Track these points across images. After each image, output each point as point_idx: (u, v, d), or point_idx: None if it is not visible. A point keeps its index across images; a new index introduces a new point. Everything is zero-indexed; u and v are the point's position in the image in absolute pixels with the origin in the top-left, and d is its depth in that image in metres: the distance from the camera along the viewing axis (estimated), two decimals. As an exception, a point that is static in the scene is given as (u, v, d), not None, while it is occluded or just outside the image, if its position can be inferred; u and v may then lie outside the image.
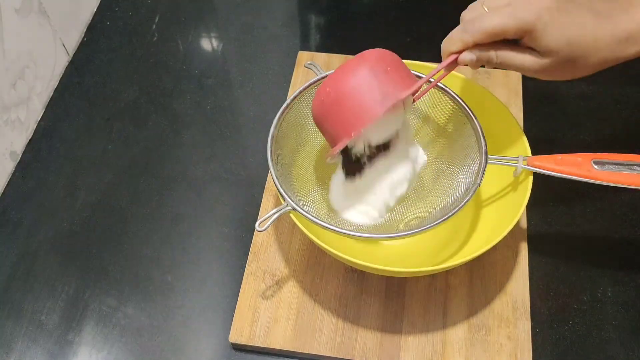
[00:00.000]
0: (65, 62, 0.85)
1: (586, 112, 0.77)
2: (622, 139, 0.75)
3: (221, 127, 0.78)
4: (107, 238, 0.70)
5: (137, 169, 0.75)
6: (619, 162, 0.58)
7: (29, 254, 0.69)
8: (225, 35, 0.88)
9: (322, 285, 0.64)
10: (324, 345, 0.60)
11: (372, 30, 0.87)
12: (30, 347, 0.63)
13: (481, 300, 0.62)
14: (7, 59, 0.72)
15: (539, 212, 0.69)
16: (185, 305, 0.65)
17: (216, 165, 0.75)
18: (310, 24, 0.90)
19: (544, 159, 0.58)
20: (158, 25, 0.89)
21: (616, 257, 0.66)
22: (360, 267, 0.58)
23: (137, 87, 0.83)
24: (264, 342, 0.61)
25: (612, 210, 0.69)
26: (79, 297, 0.66)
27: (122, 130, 0.78)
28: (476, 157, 0.59)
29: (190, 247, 0.69)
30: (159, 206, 0.72)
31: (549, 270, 0.65)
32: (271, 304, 0.63)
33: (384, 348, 0.60)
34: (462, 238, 0.64)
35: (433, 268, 0.55)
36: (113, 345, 0.62)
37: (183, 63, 0.85)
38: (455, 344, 0.60)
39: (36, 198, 0.73)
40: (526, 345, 0.60)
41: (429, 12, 0.89)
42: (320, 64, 0.81)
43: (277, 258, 0.66)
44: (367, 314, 0.62)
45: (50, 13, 0.79)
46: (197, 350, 0.62)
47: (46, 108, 0.81)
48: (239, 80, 0.83)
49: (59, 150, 0.77)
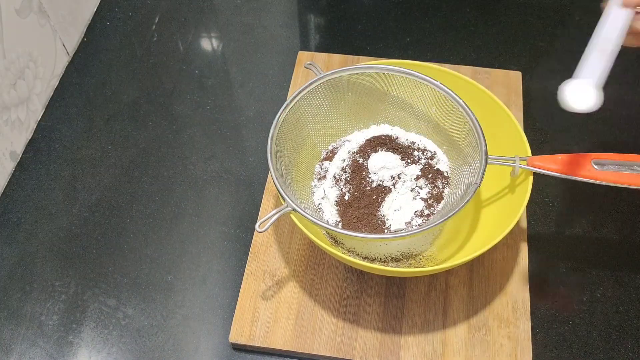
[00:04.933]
0: (65, 62, 0.85)
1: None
2: (622, 139, 0.75)
3: (221, 127, 0.78)
4: (106, 238, 0.70)
5: (137, 169, 0.75)
6: (619, 162, 0.58)
7: (28, 254, 0.69)
8: (225, 35, 0.88)
9: (322, 285, 0.64)
10: (324, 346, 0.60)
11: (372, 30, 0.87)
12: (30, 348, 0.62)
13: (481, 300, 0.62)
14: (7, 59, 0.72)
15: (539, 212, 0.69)
16: (185, 305, 0.65)
17: (216, 165, 0.75)
18: (310, 24, 0.90)
19: (544, 159, 0.58)
20: (158, 25, 0.89)
21: (616, 257, 0.66)
22: (360, 267, 0.58)
23: (137, 87, 0.83)
24: (264, 342, 0.61)
25: (612, 210, 0.69)
26: (79, 298, 0.66)
27: (122, 130, 0.78)
28: (476, 157, 0.59)
29: (190, 247, 0.69)
30: (159, 206, 0.72)
31: (549, 270, 0.65)
32: (271, 304, 0.63)
33: (384, 348, 0.60)
34: (462, 238, 0.64)
35: (433, 268, 0.55)
36: (113, 346, 0.62)
37: (183, 63, 0.85)
38: (455, 344, 0.60)
39: (36, 198, 0.73)
40: (526, 345, 0.60)
41: (429, 12, 0.89)
42: (320, 64, 0.81)
43: (277, 258, 0.66)
44: (367, 314, 0.62)
45: (50, 13, 0.79)
46: (197, 350, 0.62)
47: (46, 108, 0.81)
48: (239, 80, 0.83)
49: (58, 150, 0.77)
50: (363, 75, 0.65)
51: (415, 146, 0.66)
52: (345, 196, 0.63)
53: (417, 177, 0.63)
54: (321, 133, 0.68)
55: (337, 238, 0.65)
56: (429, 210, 0.62)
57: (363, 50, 0.85)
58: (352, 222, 0.62)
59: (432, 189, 0.63)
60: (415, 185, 0.63)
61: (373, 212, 0.61)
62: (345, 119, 0.69)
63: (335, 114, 0.68)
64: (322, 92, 0.65)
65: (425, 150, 0.65)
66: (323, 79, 0.64)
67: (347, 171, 0.64)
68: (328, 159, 0.68)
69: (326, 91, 0.65)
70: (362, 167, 0.63)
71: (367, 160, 0.64)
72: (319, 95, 0.65)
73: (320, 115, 0.67)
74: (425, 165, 0.64)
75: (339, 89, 0.66)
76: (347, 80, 0.65)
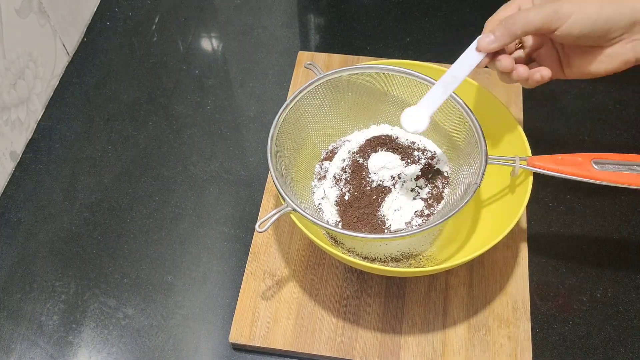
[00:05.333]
0: (65, 62, 0.85)
1: (586, 112, 0.77)
2: (622, 139, 0.75)
3: (221, 127, 0.78)
4: (106, 238, 0.70)
5: (137, 169, 0.75)
6: (619, 162, 0.58)
7: (28, 254, 0.69)
8: (225, 35, 0.88)
9: (322, 285, 0.64)
10: (324, 346, 0.60)
11: (372, 30, 0.87)
12: (30, 348, 0.62)
13: (481, 300, 0.62)
14: (7, 59, 0.72)
15: (539, 212, 0.69)
16: (185, 305, 0.65)
17: (216, 165, 0.75)
18: (310, 24, 0.90)
19: (544, 159, 0.58)
20: (158, 25, 0.89)
21: (616, 257, 0.66)
22: (360, 267, 0.58)
23: (137, 87, 0.83)
24: (264, 342, 0.61)
25: (612, 210, 0.69)
26: (79, 298, 0.66)
27: (122, 130, 0.78)
28: (476, 157, 0.59)
29: (190, 247, 0.69)
30: (159, 206, 0.72)
31: (549, 270, 0.65)
32: (271, 304, 0.63)
33: (384, 348, 0.60)
34: (462, 238, 0.64)
35: (433, 268, 0.55)
36: (113, 346, 0.62)
37: (183, 63, 0.85)
38: (455, 344, 0.60)
39: (36, 198, 0.73)
40: (526, 345, 0.60)
41: (429, 12, 0.89)
42: (320, 64, 0.81)
43: (277, 258, 0.66)
44: (367, 314, 0.62)
45: (50, 13, 0.79)
46: (197, 350, 0.62)
47: (46, 108, 0.81)
48: (239, 80, 0.83)
49: (58, 150, 0.77)
50: (363, 75, 0.65)
51: (415, 146, 0.66)
52: (345, 196, 0.63)
53: (417, 177, 0.63)
54: (321, 133, 0.68)
55: (337, 238, 0.65)
56: (429, 210, 0.62)
57: (363, 50, 0.85)
58: (352, 222, 0.62)
59: (432, 189, 0.63)
60: (415, 185, 0.63)
61: (373, 212, 0.61)
62: (345, 119, 0.69)
63: (335, 114, 0.68)
64: (322, 92, 0.65)
65: (425, 150, 0.65)
66: (323, 79, 0.64)
67: (347, 171, 0.64)
68: (328, 159, 0.68)
69: (326, 91, 0.65)
70: (362, 167, 0.63)
71: (367, 160, 0.63)
72: (319, 95, 0.65)
73: (320, 115, 0.67)
74: (425, 165, 0.64)
75: (339, 89, 0.66)
76: (347, 80, 0.65)
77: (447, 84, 0.56)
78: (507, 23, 0.52)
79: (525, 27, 0.52)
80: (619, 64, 0.53)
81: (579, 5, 0.50)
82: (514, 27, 0.52)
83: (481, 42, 0.55)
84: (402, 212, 0.62)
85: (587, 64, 0.54)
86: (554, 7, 0.51)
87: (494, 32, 0.54)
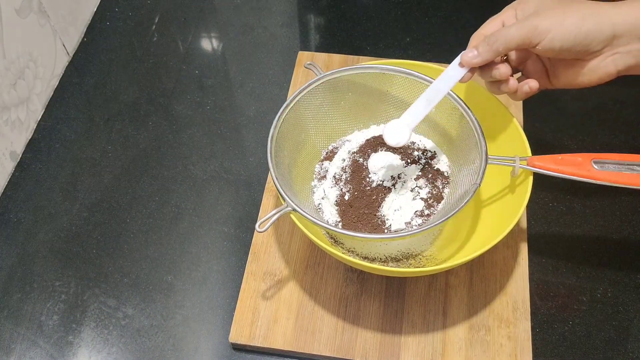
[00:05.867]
0: (65, 62, 0.85)
1: (586, 112, 0.77)
2: (622, 139, 0.75)
3: (221, 127, 0.78)
4: (106, 238, 0.70)
5: (137, 169, 0.75)
6: (619, 162, 0.58)
7: (28, 254, 0.69)
8: (225, 35, 0.88)
9: (322, 285, 0.64)
10: (324, 346, 0.60)
11: (372, 30, 0.87)
12: (30, 348, 0.62)
13: (481, 300, 0.62)
14: (7, 59, 0.72)
15: (539, 212, 0.69)
16: (185, 305, 0.65)
17: (216, 165, 0.75)
18: (310, 24, 0.90)
19: (544, 159, 0.58)
20: (158, 25, 0.89)
21: (616, 257, 0.66)
22: (360, 267, 0.58)
23: (137, 87, 0.83)
24: (264, 342, 0.61)
25: (612, 210, 0.69)
26: (79, 298, 0.65)
27: (122, 130, 0.78)
28: (476, 157, 0.59)
29: (190, 247, 0.69)
30: (159, 206, 0.72)
31: (549, 270, 0.65)
32: (271, 304, 0.63)
33: (384, 348, 0.60)
34: (462, 238, 0.64)
35: (433, 268, 0.55)
36: (113, 346, 0.62)
37: (183, 63, 0.85)
38: (455, 344, 0.60)
39: (36, 198, 0.73)
40: (526, 345, 0.60)
41: (429, 12, 0.89)
42: (320, 64, 0.81)
43: (277, 258, 0.66)
44: (367, 314, 0.62)
45: (50, 13, 0.79)
46: (197, 350, 0.62)
47: (46, 108, 0.81)
48: (239, 80, 0.83)
49: (58, 150, 0.77)
50: (363, 75, 0.65)
51: (415, 146, 0.66)
52: (345, 196, 0.63)
53: (417, 177, 0.63)
54: (321, 133, 0.68)
55: (337, 238, 0.65)
56: (429, 210, 0.62)
57: (363, 50, 0.85)
58: (352, 222, 0.62)
59: (432, 189, 0.63)
60: (415, 185, 0.63)
61: (373, 212, 0.61)
62: (345, 119, 0.69)
63: (335, 114, 0.68)
64: (322, 92, 0.65)
65: (425, 150, 0.65)
66: (323, 79, 0.64)
67: (347, 171, 0.64)
68: (328, 159, 0.68)
69: (326, 91, 0.65)
70: (362, 167, 0.63)
71: (367, 160, 0.63)
72: (319, 95, 0.65)
73: (320, 115, 0.67)
74: (425, 165, 0.64)
75: (339, 89, 0.66)
76: (347, 80, 0.65)
77: (430, 98, 0.57)
78: (489, 40, 0.54)
79: (507, 44, 0.53)
80: (601, 76, 0.55)
81: (559, 20, 0.52)
82: (496, 44, 0.53)
83: (464, 57, 0.56)
84: (402, 212, 0.62)
85: (572, 75, 0.55)
86: (534, 23, 0.52)
87: (477, 48, 0.55)
